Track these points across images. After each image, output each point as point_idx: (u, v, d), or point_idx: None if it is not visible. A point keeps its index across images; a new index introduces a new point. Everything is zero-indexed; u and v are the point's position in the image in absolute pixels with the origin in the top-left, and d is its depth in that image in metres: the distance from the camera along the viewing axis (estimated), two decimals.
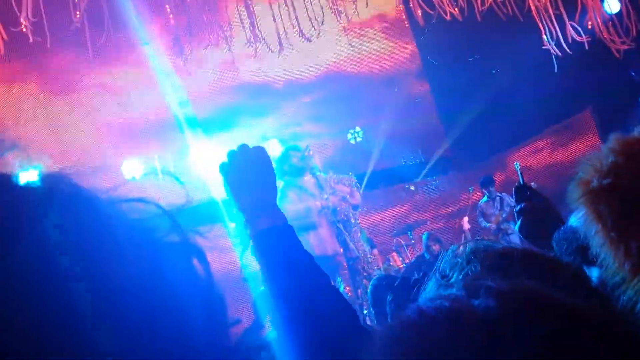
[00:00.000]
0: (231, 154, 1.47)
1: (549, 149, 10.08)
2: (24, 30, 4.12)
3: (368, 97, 9.77)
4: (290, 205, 5.37)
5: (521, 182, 2.29)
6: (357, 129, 10.04)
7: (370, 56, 10.24)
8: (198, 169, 8.93)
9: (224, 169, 1.47)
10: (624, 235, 1.29)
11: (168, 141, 8.83)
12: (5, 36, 3.40)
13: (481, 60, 9.09)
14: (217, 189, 7.34)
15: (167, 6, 4.52)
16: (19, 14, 4.03)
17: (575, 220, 1.53)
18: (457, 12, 6.35)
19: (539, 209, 2.18)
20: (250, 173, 1.45)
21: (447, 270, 0.93)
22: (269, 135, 9.31)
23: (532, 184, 8.61)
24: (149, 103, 8.72)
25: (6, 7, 4.17)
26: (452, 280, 0.90)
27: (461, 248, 0.97)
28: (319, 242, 5.39)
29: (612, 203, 1.32)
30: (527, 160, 10.15)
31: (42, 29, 4.39)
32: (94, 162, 8.60)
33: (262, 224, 1.38)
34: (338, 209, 5.55)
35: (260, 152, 1.49)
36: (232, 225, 9.01)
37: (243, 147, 1.49)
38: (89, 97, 8.67)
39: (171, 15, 4.61)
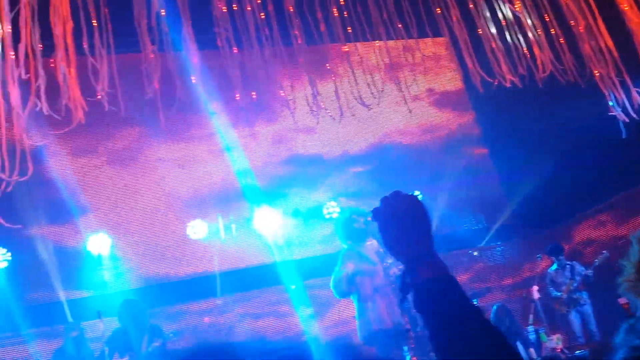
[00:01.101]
0: (384, 200, 1.44)
1: (614, 221, 9.65)
2: (100, 100, 4.38)
3: (426, 164, 9.81)
4: (350, 273, 5.31)
5: None
6: (417, 192, 10.00)
7: (428, 123, 10.36)
8: (259, 233, 9.13)
9: (378, 215, 1.43)
10: None
11: (231, 206, 9.12)
12: (86, 107, 3.65)
13: (542, 126, 8.97)
14: (276, 253, 7.46)
15: (234, 80, 4.77)
16: (95, 85, 4.31)
17: None
18: (517, 79, 6.35)
19: None
20: (403, 220, 1.39)
21: None
22: (329, 198, 9.47)
23: (604, 252, 8.34)
24: (214, 171, 9.14)
25: (83, 78, 4.44)
26: None
27: None
28: (379, 311, 5.25)
29: None
30: (591, 232, 9.79)
31: (116, 100, 4.67)
32: (159, 226, 8.96)
33: (422, 274, 1.31)
34: None
35: (413, 199, 1.44)
36: (292, 287, 9.10)
37: (396, 194, 1.44)
38: (156, 166, 9.12)
39: (237, 93, 4.86)
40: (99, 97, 4.10)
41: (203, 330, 8.57)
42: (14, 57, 3.39)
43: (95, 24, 4.32)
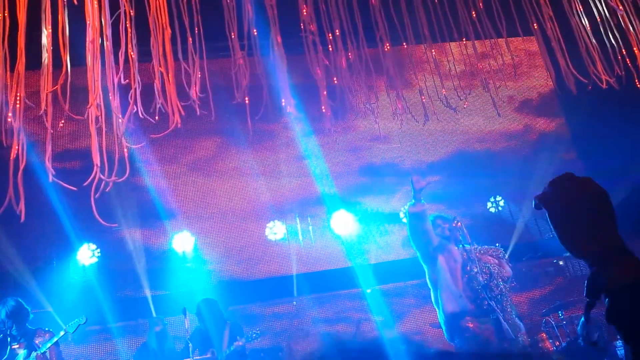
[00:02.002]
0: (555, 185, 1.08)
1: None
2: (192, 104, 4.46)
3: (511, 171, 9.50)
4: (440, 270, 5.17)
5: None
6: (498, 197, 9.71)
7: (514, 128, 10.05)
8: (336, 236, 9.14)
9: (547, 202, 1.04)
10: None
11: (309, 209, 9.20)
12: (182, 111, 3.73)
13: (637, 131, 8.46)
14: (353, 256, 7.43)
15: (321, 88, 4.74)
16: (187, 90, 4.39)
17: None
18: (614, 81, 5.98)
19: None
20: (583, 208, 0.96)
21: None
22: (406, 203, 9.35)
23: None
24: (293, 176, 9.27)
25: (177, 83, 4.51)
26: None
27: None
28: (463, 317, 5.09)
29: None
30: None
31: (203, 105, 4.74)
32: (239, 227, 9.13)
33: (618, 277, 0.95)
34: (490, 284, 5.13)
35: (591, 183, 1.05)
36: (368, 291, 9.04)
37: (570, 177, 1.05)
38: (237, 169, 9.31)
39: (322, 99, 4.84)
40: (191, 102, 4.18)
41: (280, 331, 8.64)
42: (114, 62, 3.51)
43: (189, 30, 4.42)
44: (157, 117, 3.88)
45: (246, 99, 4.42)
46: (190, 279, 8.73)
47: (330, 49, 4.95)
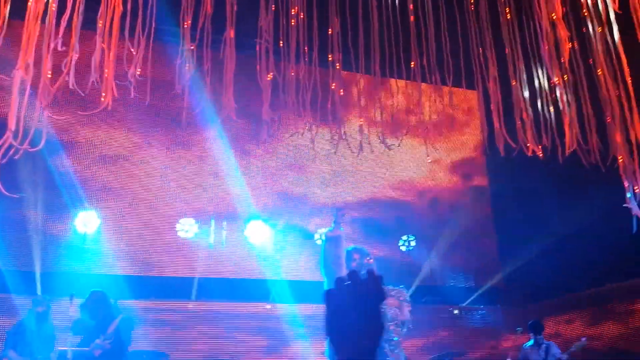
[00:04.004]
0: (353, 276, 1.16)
1: (587, 320, 9.57)
2: (128, 85, 4.23)
3: (427, 219, 9.75)
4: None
5: None
6: (411, 237, 9.88)
7: (440, 178, 10.33)
8: (249, 244, 8.97)
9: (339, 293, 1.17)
10: None
11: (225, 214, 8.99)
12: (115, 92, 3.51)
13: (552, 203, 8.90)
14: (265, 266, 7.27)
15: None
16: (127, 70, 4.16)
17: None
18: (540, 151, 6.23)
19: None
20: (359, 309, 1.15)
21: None
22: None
23: (583, 338, 8.23)
24: (215, 179, 9.04)
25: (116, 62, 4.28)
26: None
27: None
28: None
29: None
30: (562, 328, 9.74)
31: (145, 87, 4.54)
32: (149, 216, 8.77)
33: None
34: (385, 326, 5.11)
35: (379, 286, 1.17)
36: (267, 307, 8.89)
37: (353, 274, 1.16)
38: (164, 162, 8.98)
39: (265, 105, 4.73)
40: (127, 82, 3.96)
41: (162, 337, 8.28)
42: (54, 27, 3.26)
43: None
44: (87, 92, 3.64)
45: (184, 90, 4.24)
46: (86, 263, 8.28)
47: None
